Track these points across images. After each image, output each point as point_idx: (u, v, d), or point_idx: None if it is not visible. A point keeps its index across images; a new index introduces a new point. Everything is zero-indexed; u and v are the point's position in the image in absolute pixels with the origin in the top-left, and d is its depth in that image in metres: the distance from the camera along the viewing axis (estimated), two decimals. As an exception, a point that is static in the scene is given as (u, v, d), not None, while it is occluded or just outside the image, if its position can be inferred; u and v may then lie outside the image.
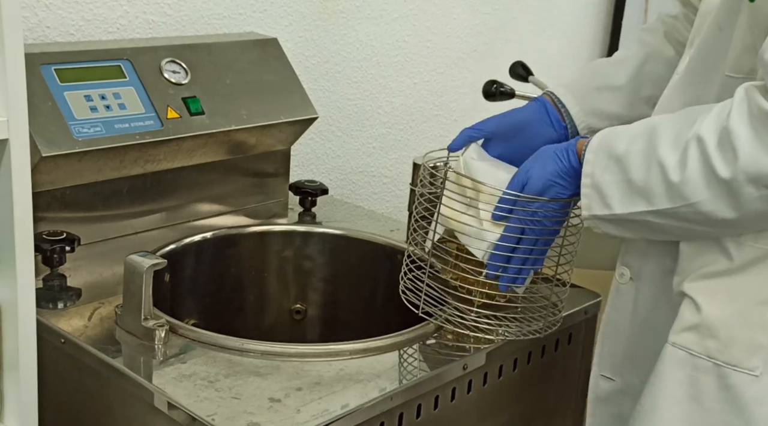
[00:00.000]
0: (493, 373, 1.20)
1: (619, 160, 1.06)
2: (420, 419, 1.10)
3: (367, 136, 2.02)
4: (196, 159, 1.47)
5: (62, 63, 1.32)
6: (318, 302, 1.55)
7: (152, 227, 1.45)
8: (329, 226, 1.55)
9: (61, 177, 1.30)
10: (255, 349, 1.10)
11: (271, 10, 1.75)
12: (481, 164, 1.19)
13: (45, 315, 1.15)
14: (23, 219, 1.00)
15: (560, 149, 1.13)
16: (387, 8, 1.98)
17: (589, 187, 1.09)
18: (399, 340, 1.15)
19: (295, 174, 1.73)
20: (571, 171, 1.11)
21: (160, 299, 1.16)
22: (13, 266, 1.01)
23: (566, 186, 1.12)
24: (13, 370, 1.05)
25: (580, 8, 2.54)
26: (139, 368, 1.07)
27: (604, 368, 1.23)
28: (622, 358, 1.21)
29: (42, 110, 1.26)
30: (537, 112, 1.29)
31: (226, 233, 1.48)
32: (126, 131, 1.33)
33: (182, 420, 0.98)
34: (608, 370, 1.22)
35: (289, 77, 1.59)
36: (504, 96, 1.64)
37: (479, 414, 1.20)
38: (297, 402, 1.00)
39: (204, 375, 1.04)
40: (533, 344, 1.25)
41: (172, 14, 1.60)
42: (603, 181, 1.07)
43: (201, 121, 1.42)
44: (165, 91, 1.41)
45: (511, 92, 1.63)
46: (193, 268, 1.43)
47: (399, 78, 2.06)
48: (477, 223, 1.15)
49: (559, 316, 1.21)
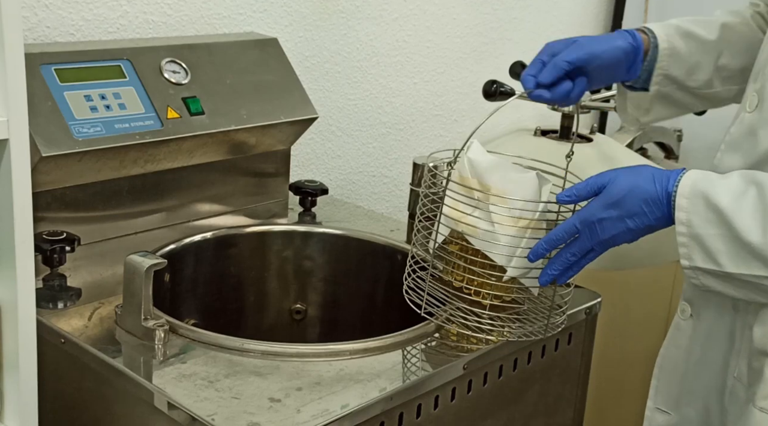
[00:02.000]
0: (493, 373, 1.20)
1: (724, 215, 1.00)
2: (420, 419, 1.10)
3: (367, 136, 2.02)
4: (196, 159, 1.47)
5: (62, 63, 1.32)
6: (318, 302, 1.55)
7: (152, 227, 1.45)
8: (329, 226, 1.55)
9: (61, 177, 1.30)
10: (255, 349, 1.10)
11: (271, 10, 1.75)
12: (489, 164, 1.16)
13: (45, 315, 1.15)
14: (23, 219, 1.00)
15: (660, 174, 1.06)
16: (387, 8, 1.98)
17: (686, 236, 1.03)
18: (399, 340, 1.15)
19: (295, 174, 1.73)
20: (658, 200, 1.05)
21: (160, 299, 1.16)
22: (13, 266, 1.01)
23: (647, 213, 1.05)
24: (13, 370, 1.05)
25: (580, 8, 2.54)
26: (139, 368, 1.07)
27: (660, 402, 1.23)
28: (678, 392, 1.20)
29: (42, 110, 1.26)
30: (630, 53, 1.21)
31: (226, 233, 1.48)
32: (126, 131, 1.33)
33: (182, 420, 0.98)
34: (664, 404, 1.22)
35: (289, 77, 1.59)
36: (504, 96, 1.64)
37: (479, 414, 1.20)
38: (297, 402, 1.00)
39: (204, 375, 1.04)
40: (533, 344, 1.25)
41: (172, 14, 1.60)
42: (705, 234, 1.02)
43: (201, 121, 1.42)
44: (165, 91, 1.41)
45: (511, 92, 1.64)
46: (193, 268, 1.43)
47: (399, 78, 2.06)
48: (489, 225, 1.14)
49: (563, 317, 1.21)
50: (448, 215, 1.16)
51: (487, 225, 1.14)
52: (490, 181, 1.15)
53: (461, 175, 1.17)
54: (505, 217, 1.14)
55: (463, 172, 1.18)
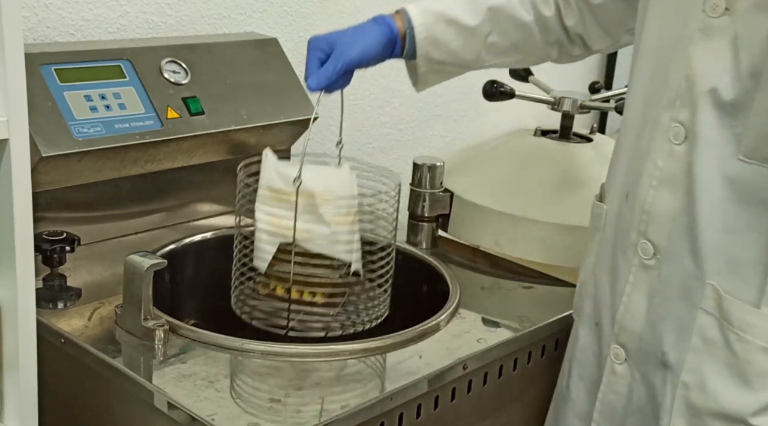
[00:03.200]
0: (493, 373, 1.20)
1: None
2: (420, 419, 1.10)
3: (367, 136, 2.02)
4: (196, 159, 1.47)
5: (62, 63, 1.32)
6: (318, 302, 1.55)
7: (152, 227, 1.45)
8: (329, 226, 1.54)
9: (61, 177, 1.30)
10: (255, 349, 1.10)
11: (271, 10, 1.75)
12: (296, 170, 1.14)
13: (45, 315, 1.15)
14: (23, 219, 1.00)
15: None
16: (387, 8, 1.97)
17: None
18: (399, 340, 1.15)
19: (295, 174, 1.72)
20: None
21: (160, 299, 1.16)
22: (13, 266, 1.01)
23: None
24: (13, 370, 1.04)
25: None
26: (139, 368, 1.07)
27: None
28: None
29: (42, 110, 1.26)
30: (389, 45, 1.29)
31: (226, 233, 1.47)
32: (126, 131, 1.33)
33: (182, 420, 0.98)
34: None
35: (289, 77, 1.59)
36: (504, 96, 1.64)
37: (479, 414, 1.20)
38: (297, 402, 1.00)
39: (204, 375, 1.04)
40: (533, 344, 1.25)
41: (172, 14, 1.60)
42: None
43: (201, 121, 1.42)
44: (165, 91, 1.40)
45: (511, 92, 1.63)
46: (193, 268, 1.43)
47: (399, 78, 2.05)
48: (325, 227, 1.14)
49: (383, 308, 1.22)
50: (275, 232, 1.15)
51: (323, 227, 1.14)
52: (312, 185, 1.14)
53: (274, 189, 1.16)
54: (338, 215, 1.15)
55: (276, 184, 1.16)
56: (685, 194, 1.03)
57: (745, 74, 0.95)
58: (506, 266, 1.46)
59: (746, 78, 0.95)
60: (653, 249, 1.07)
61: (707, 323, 1.03)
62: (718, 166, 0.99)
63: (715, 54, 0.98)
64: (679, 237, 1.04)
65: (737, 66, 0.96)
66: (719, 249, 1.01)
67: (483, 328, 1.24)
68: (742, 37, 0.96)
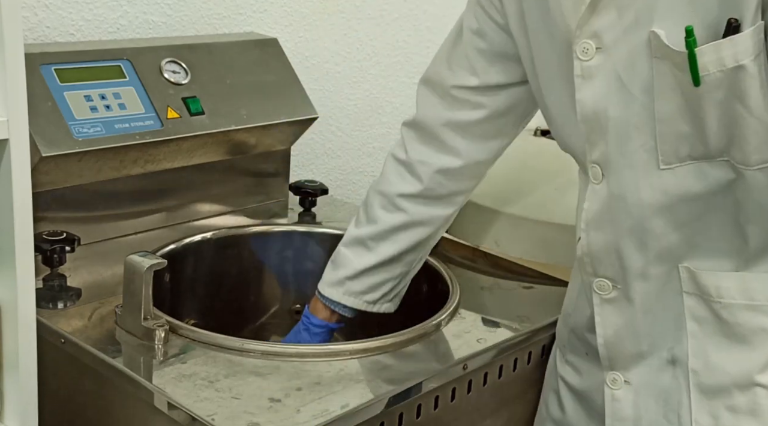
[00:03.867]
0: (493, 373, 1.20)
1: None
2: (420, 419, 1.10)
3: (367, 136, 2.02)
4: (196, 159, 1.47)
5: (62, 63, 1.32)
6: (318, 302, 1.55)
7: (152, 227, 1.45)
8: (329, 226, 1.54)
9: (61, 177, 1.30)
10: (255, 349, 1.10)
11: (271, 10, 1.75)
12: None
13: (45, 315, 1.15)
14: (23, 219, 1.00)
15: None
16: (387, 8, 1.98)
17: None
18: (399, 340, 1.15)
19: (295, 174, 1.73)
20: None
21: (160, 299, 1.16)
22: (13, 266, 1.01)
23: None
24: (13, 370, 1.04)
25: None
26: (139, 368, 1.07)
27: None
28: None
29: (42, 110, 1.26)
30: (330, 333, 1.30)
31: (226, 233, 1.48)
32: (126, 131, 1.33)
33: (182, 420, 0.98)
34: None
35: (289, 77, 1.59)
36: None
37: (479, 414, 1.20)
38: (297, 402, 1.00)
39: (204, 375, 1.04)
40: (533, 344, 1.25)
41: (172, 14, 1.60)
42: None
43: (201, 121, 1.42)
44: (165, 91, 1.40)
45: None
46: (193, 268, 1.43)
47: (399, 78, 2.06)
48: None
49: None
50: None
51: None
52: None
53: None
54: None
55: None
56: (612, 224, 1.05)
57: (638, 93, 0.97)
58: (506, 266, 1.46)
59: (640, 96, 0.97)
60: (610, 283, 1.08)
61: (693, 303, 1.05)
62: (644, 185, 1.01)
63: (603, 90, 1.00)
64: (627, 264, 1.05)
65: (627, 90, 0.98)
66: (678, 245, 1.03)
67: (483, 328, 1.24)
68: (622, 63, 0.98)
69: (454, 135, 1.20)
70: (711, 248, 1.03)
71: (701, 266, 1.03)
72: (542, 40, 1.07)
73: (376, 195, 1.26)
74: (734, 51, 0.89)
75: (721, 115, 0.93)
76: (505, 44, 1.15)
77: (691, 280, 1.04)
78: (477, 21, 1.17)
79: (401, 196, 1.23)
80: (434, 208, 1.24)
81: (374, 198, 1.26)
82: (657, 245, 1.03)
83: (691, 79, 0.91)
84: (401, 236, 1.24)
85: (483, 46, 1.17)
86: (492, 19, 1.15)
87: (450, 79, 1.19)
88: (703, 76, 0.91)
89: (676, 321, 1.07)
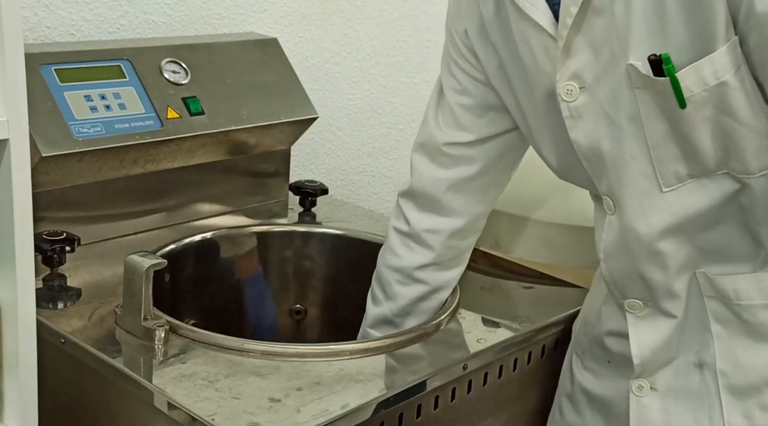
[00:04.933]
0: (493, 373, 1.20)
1: None
2: (420, 419, 1.10)
3: (367, 136, 2.02)
4: (196, 159, 1.47)
5: (62, 63, 1.32)
6: (318, 302, 1.55)
7: (152, 227, 1.45)
8: (329, 226, 1.55)
9: (61, 177, 1.30)
10: (255, 349, 1.10)
11: (271, 10, 1.75)
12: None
13: (45, 315, 1.15)
14: (23, 219, 1.00)
15: None
16: (387, 8, 1.98)
17: None
18: (399, 340, 1.15)
19: (295, 174, 1.73)
20: None
21: (160, 299, 1.16)
22: (13, 266, 1.01)
23: None
24: (13, 370, 1.04)
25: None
26: (139, 368, 1.07)
27: None
28: None
29: (42, 110, 1.26)
30: None
31: (226, 233, 1.48)
32: (126, 131, 1.33)
33: (182, 420, 0.98)
34: None
35: (289, 77, 1.59)
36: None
37: (479, 414, 1.20)
38: (297, 402, 1.00)
39: (204, 375, 1.04)
40: (533, 344, 1.25)
41: (172, 14, 1.60)
42: None
43: (201, 121, 1.42)
44: (165, 91, 1.40)
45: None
46: (193, 268, 1.43)
47: (399, 78, 2.06)
48: None
49: None
50: None
51: None
52: None
53: None
54: None
55: None
56: (628, 253, 1.06)
57: (626, 124, 0.99)
58: (506, 266, 1.46)
59: (628, 127, 0.99)
60: (641, 302, 1.09)
61: (715, 307, 1.06)
62: (652, 211, 1.02)
63: (593, 126, 1.01)
64: (652, 285, 1.07)
65: (616, 124, 1.00)
66: (693, 255, 1.05)
67: (483, 328, 1.24)
68: (606, 99, 0.99)
69: (453, 196, 1.22)
70: (726, 254, 1.04)
71: (718, 271, 1.05)
72: (525, 90, 1.09)
73: (390, 271, 1.27)
74: (714, 69, 0.90)
75: (713, 130, 0.94)
76: (488, 97, 1.17)
77: (709, 284, 1.05)
78: (456, 80, 1.18)
79: (417, 269, 1.25)
80: (449, 271, 1.26)
81: (389, 275, 1.27)
82: (674, 262, 1.04)
83: (677, 102, 0.93)
84: (423, 306, 1.26)
85: (468, 102, 1.18)
86: (470, 76, 1.17)
87: (441, 138, 1.21)
88: (688, 97, 0.92)
89: (702, 324, 1.08)
